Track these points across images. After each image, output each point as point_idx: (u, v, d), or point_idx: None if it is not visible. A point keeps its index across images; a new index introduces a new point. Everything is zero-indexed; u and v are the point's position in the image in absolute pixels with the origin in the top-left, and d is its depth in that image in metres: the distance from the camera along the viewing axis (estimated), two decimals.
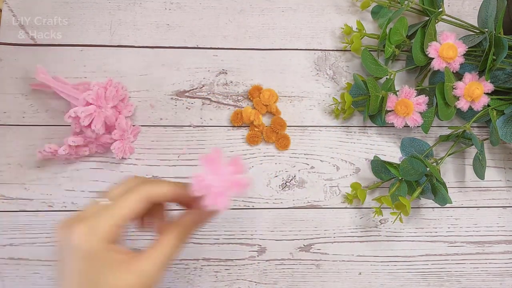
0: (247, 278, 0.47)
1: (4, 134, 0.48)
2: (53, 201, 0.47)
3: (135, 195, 0.28)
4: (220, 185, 0.28)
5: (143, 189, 0.29)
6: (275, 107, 0.49)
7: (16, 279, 0.46)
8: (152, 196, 0.29)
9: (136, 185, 0.29)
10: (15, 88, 0.49)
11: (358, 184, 0.48)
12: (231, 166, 0.29)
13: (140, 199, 0.29)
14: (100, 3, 0.52)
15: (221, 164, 0.29)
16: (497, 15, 0.44)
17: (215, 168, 0.28)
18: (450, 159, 0.51)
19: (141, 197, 0.29)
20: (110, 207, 0.28)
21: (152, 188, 0.29)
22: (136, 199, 0.28)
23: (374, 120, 0.50)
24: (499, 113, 0.47)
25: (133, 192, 0.29)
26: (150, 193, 0.29)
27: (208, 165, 0.28)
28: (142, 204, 0.29)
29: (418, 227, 0.49)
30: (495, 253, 0.49)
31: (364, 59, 0.48)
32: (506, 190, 0.50)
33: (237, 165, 0.29)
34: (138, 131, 0.49)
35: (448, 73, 0.45)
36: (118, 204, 0.28)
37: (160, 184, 0.30)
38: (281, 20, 0.53)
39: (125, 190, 0.30)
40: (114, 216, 0.27)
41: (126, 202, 0.28)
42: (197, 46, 0.52)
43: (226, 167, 0.29)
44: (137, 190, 0.29)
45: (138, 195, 0.29)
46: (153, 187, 0.29)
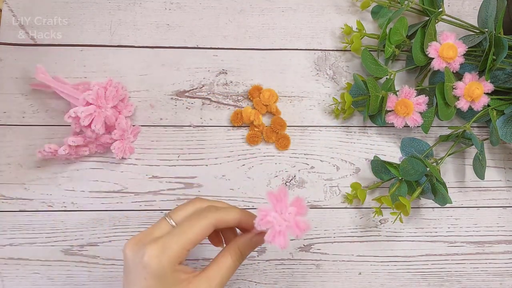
0: (247, 278, 0.47)
1: (4, 134, 0.48)
2: (53, 201, 0.47)
3: (204, 222, 0.30)
4: (281, 224, 0.29)
5: (213, 216, 0.31)
6: (275, 107, 0.49)
7: (16, 279, 0.46)
8: (220, 224, 0.31)
9: (206, 210, 0.31)
10: (15, 88, 0.49)
11: (358, 184, 0.48)
12: (295, 207, 0.30)
13: (209, 225, 0.30)
14: (100, 3, 0.52)
15: (286, 203, 0.30)
16: (497, 15, 0.44)
17: (279, 206, 0.30)
18: (450, 159, 0.51)
19: (211, 223, 0.31)
20: (181, 230, 0.30)
21: (221, 215, 0.31)
22: (205, 226, 0.30)
23: (374, 120, 0.50)
24: (499, 113, 0.47)
25: (203, 218, 0.31)
26: (218, 220, 0.31)
27: (273, 202, 0.30)
28: (210, 230, 0.31)
29: (418, 227, 0.49)
30: (495, 253, 0.49)
31: (364, 59, 0.48)
32: (506, 190, 0.50)
33: (301, 206, 0.30)
34: (138, 131, 0.49)
35: (448, 73, 0.45)
36: (189, 229, 0.30)
37: (228, 212, 0.32)
38: (281, 20, 0.53)
39: (191, 212, 0.32)
40: (184, 240, 0.29)
41: (195, 227, 0.30)
42: (197, 46, 0.52)
43: (290, 207, 0.30)
44: (206, 217, 0.31)
45: (207, 222, 0.30)
46: (222, 215, 0.31)
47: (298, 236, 0.29)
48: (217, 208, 0.32)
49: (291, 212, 0.30)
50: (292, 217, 0.30)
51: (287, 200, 0.30)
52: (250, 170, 0.49)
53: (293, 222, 0.30)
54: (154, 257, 0.28)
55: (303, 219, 0.30)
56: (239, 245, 0.32)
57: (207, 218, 0.31)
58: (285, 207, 0.30)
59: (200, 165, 0.49)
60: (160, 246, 0.29)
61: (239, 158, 0.49)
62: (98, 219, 0.47)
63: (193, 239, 0.30)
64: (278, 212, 0.30)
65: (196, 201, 0.33)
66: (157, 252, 0.28)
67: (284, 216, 0.30)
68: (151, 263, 0.28)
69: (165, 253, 0.29)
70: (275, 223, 0.29)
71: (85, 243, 0.46)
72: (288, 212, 0.30)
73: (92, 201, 0.47)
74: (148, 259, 0.28)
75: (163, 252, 0.29)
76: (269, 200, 0.30)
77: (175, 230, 0.30)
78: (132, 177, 0.48)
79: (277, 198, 0.30)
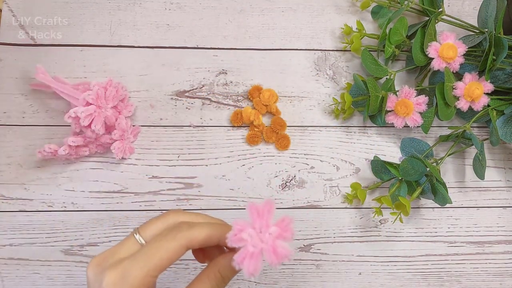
0: (247, 278, 0.47)
1: (4, 134, 0.48)
2: (53, 201, 0.47)
3: (173, 244, 0.26)
4: (256, 245, 0.24)
5: (183, 237, 0.26)
6: (275, 107, 0.49)
7: (16, 279, 0.46)
8: (194, 245, 0.27)
9: (176, 229, 0.27)
10: (15, 88, 0.49)
11: (358, 184, 0.48)
12: (278, 227, 0.25)
13: (178, 248, 0.26)
14: (100, 3, 0.52)
15: (268, 221, 0.25)
16: (497, 15, 0.44)
17: (260, 222, 0.25)
18: (450, 159, 0.51)
19: (181, 246, 0.26)
20: (146, 254, 0.26)
21: (194, 235, 0.27)
22: (174, 249, 0.26)
23: (374, 120, 0.50)
24: (499, 113, 0.47)
25: (172, 240, 0.26)
26: (191, 241, 0.27)
27: (253, 216, 0.25)
28: (180, 253, 0.26)
29: (418, 227, 0.49)
30: (495, 253, 0.49)
31: (364, 59, 0.48)
32: (506, 190, 0.50)
33: (286, 229, 0.25)
34: (138, 131, 0.49)
35: (448, 73, 0.45)
36: (155, 252, 0.26)
37: (202, 228, 0.27)
38: (281, 20, 0.53)
39: (162, 229, 0.28)
40: (149, 266, 0.25)
41: (162, 251, 0.26)
42: (197, 46, 0.52)
43: (273, 226, 0.25)
44: (175, 238, 0.26)
45: (176, 244, 0.26)
46: (196, 234, 0.27)
47: (273, 264, 0.24)
48: (189, 226, 0.27)
49: (272, 233, 0.24)
50: (272, 239, 0.24)
51: (271, 218, 0.25)
52: (250, 170, 0.49)
53: (270, 246, 0.24)
54: (112, 285, 0.25)
55: (284, 244, 0.24)
56: (220, 267, 0.27)
57: (176, 239, 0.26)
58: (266, 225, 0.25)
59: (200, 165, 0.49)
60: (119, 273, 0.25)
61: (239, 158, 0.49)
62: (98, 219, 0.47)
63: (159, 264, 0.25)
64: (256, 230, 0.25)
65: (169, 215, 0.28)
66: (115, 280, 0.25)
67: (262, 236, 0.24)
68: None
69: (126, 281, 0.25)
70: (249, 242, 0.24)
71: (85, 243, 0.46)
72: (268, 232, 0.25)
73: (92, 201, 0.47)
74: (106, 286, 0.25)
75: (123, 280, 0.25)
76: (250, 214, 0.25)
77: (139, 253, 0.26)
78: (132, 177, 0.48)
79: (259, 213, 0.25)
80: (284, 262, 0.24)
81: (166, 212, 0.29)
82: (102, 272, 0.25)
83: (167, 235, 0.26)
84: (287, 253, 0.24)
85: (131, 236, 0.28)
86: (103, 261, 0.26)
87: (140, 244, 0.27)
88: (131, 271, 0.25)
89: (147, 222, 0.28)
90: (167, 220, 0.28)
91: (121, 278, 0.25)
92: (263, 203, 0.25)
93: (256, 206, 0.25)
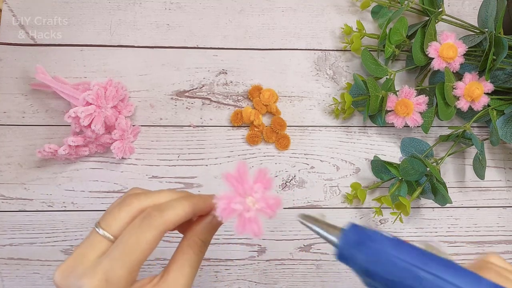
0: (247, 278, 0.47)
1: (4, 134, 0.48)
2: (53, 201, 0.47)
3: (151, 234, 0.24)
4: (250, 210, 0.24)
5: (159, 223, 0.24)
6: (275, 107, 0.49)
7: (16, 279, 0.46)
8: (169, 228, 0.25)
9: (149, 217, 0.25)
10: (15, 88, 0.49)
11: (358, 184, 0.48)
12: (259, 183, 0.25)
13: (157, 236, 0.24)
14: (100, 3, 0.52)
15: (249, 182, 0.25)
16: (497, 15, 0.44)
17: (242, 187, 0.24)
18: (450, 159, 0.51)
19: (159, 232, 0.24)
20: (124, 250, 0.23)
21: (167, 218, 0.25)
22: (153, 239, 0.24)
23: (374, 120, 0.50)
24: (499, 113, 0.47)
25: (148, 230, 0.24)
26: (166, 226, 0.25)
27: (234, 184, 0.24)
28: (159, 240, 0.25)
29: (418, 227, 0.49)
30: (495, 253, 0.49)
31: (364, 59, 0.48)
32: (506, 190, 0.50)
33: (265, 180, 0.25)
34: (138, 131, 0.49)
35: (448, 73, 0.45)
36: (134, 247, 0.24)
37: (174, 209, 0.25)
38: (281, 20, 0.53)
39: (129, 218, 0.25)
40: (131, 262, 0.23)
41: (143, 243, 0.24)
42: (197, 46, 0.52)
43: (255, 184, 0.25)
44: (151, 226, 0.24)
45: (155, 233, 0.24)
46: (169, 217, 0.25)
47: (271, 216, 0.25)
48: (161, 210, 0.25)
49: (258, 191, 0.24)
50: (260, 196, 0.24)
51: (249, 178, 0.25)
52: (250, 170, 0.49)
53: (263, 203, 0.24)
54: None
55: (271, 195, 0.25)
56: (198, 234, 0.27)
57: (152, 228, 0.24)
58: (249, 187, 0.24)
59: (200, 165, 0.49)
60: (101, 276, 0.23)
61: (239, 158, 0.49)
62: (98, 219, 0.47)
63: (141, 258, 0.24)
64: (242, 196, 0.24)
65: (132, 202, 0.26)
66: (99, 285, 0.22)
67: (251, 199, 0.24)
68: None
69: (111, 284, 0.23)
70: (243, 209, 0.24)
71: None
72: (254, 191, 0.24)
73: (92, 201, 0.47)
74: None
75: (107, 283, 0.23)
76: (229, 183, 0.24)
77: (116, 251, 0.23)
78: (132, 177, 0.48)
79: (237, 179, 0.24)
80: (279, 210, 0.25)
81: (125, 199, 0.26)
82: (78, 280, 0.23)
83: (141, 225, 0.24)
84: (279, 201, 0.25)
85: (94, 233, 0.25)
86: (73, 269, 0.23)
87: (109, 240, 0.25)
88: (114, 271, 0.23)
89: (108, 214, 0.26)
90: (131, 209, 0.26)
91: (105, 282, 0.23)
92: (237, 167, 0.25)
93: (231, 174, 0.24)
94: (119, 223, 0.25)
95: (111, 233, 0.25)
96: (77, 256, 0.24)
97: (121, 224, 0.25)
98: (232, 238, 0.47)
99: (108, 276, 0.23)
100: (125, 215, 0.25)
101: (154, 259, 0.46)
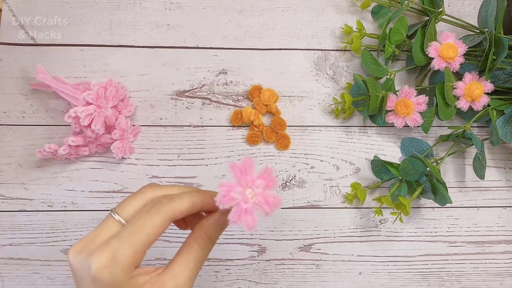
0: (247, 278, 0.47)
1: (4, 134, 0.48)
2: (53, 201, 0.47)
3: (158, 218, 0.26)
4: (248, 201, 0.25)
5: (167, 210, 0.26)
6: (275, 107, 0.49)
7: (16, 279, 0.46)
8: (178, 215, 0.27)
9: (158, 204, 0.26)
10: (15, 88, 0.49)
11: (358, 184, 0.48)
12: (262, 179, 0.26)
13: (164, 221, 0.26)
14: (100, 3, 0.52)
15: (252, 176, 0.26)
16: (497, 15, 0.44)
17: (244, 179, 0.25)
18: (450, 159, 0.51)
19: (166, 218, 0.26)
20: (132, 232, 0.25)
21: (177, 206, 0.27)
22: (159, 223, 0.26)
23: (374, 120, 0.50)
24: (499, 113, 0.47)
25: (155, 214, 0.26)
26: (174, 213, 0.26)
27: (237, 175, 0.25)
28: (166, 226, 0.26)
29: (418, 227, 0.49)
30: (495, 253, 0.49)
31: (364, 59, 0.48)
32: (506, 190, 0.50)
33: (270, 179, 0.26)
34: (138, 131, 0.49)
35: (448, 73, 0.45)
36: (141, 229, 0.25)
37: (183, 199, 0.27)
38: (281, 20, 0.53)
39: (141, 205, 0.27)
40: (137, 243, 0.25)
41: (148, 227, 0.25)
42: (197, 46, 0.52)
43: (257, 179, 0.26)
44: (159, 211, 0.26)
45: (161, 218, 0.26)
46: (178, 206, 0.27)
47: (268, 213, 0.25)
48: (170, 199, 0.27)
49: (259, 186, 0.25)
50: (260, 191, 0.25)
51: (254, 172, 0.26)
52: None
53: (261, 198, 0.25)
54: (104, 268, 0.24)
55: (272, 193, 0.26)
56: (205, 229, 0.28)
57: (160, 213, 0.26)
58: (251, 180, 0.25)
59: (200, 165, 0.49)
60: (109, 254, 0.24)
61: (239, 158, 0.49)
62: (98, 219, 0.47)
63: (147, 240, 0.25)
64: (243, 187, 0.25)
65: (146, 191, 0.28)
66: (106, 262, 0.24)
67: (251, 192, 0.25)
68: (101, 276, 0.24)
69: (117, 262, 0.24)
70: (241, 199, 0.25)
71: None
72: (255, 186, 0.25)
73: (92, 201, 0.47)
74: (97, 271, 0.24)
75: (113, 260, 0.24)
76: (233, 173, 0.25)
77: (125, 232, 0.25)
78: (132, 177, 0.48)
79: (242, 171, 0.25)
80: (277, 209, 0.26)
81: (141, 188, 0.28)
82: (88, 257, 0.25)
83: (150, 210, 0.26)
84: (278, 201, 0.26)
85: (109, 217, 0.27)
86: (85, 247, 0.25)
87: (121, 224, 0.27)
88: (120, 250, 0.25)
89: (123, 201, 0.28)
90: (144, 197, 0.28)
91: (111, 259, 0.24)
92: (243, 160, 0.26)
93: (237, 164, 0.25)
94: (131, 208, 0.27)
95: (124, 218, 0.27)
96: (91, 237, 0.26)
97: (134, 210, 0.27)
98: (232, 238, 0.47)
99: (115, 255, 0.24)
100: (138, 202, 0.27)
101: (154, 259, 0.46)
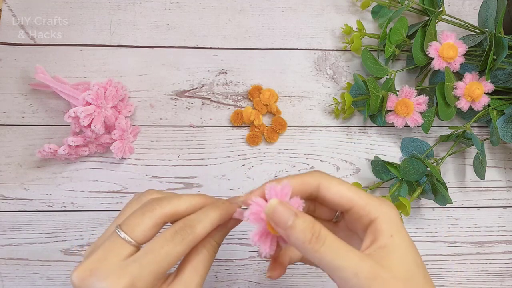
0: (247, 278, 0.47)
1: (4, 134, 0.48)
2: (52, 201, 0.47)
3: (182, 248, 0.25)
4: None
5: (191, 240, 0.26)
6: (275, 107, 0.49)
7: (16, 279, 0.45)
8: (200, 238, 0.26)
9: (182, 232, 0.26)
10: (15, 88, 0.49)
11: (358, 184, 0.48)
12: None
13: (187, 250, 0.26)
14: (100, 3, 0.52)
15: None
16: (497, 15, 0.44)
17: None
18: (450, 159, 0.51)
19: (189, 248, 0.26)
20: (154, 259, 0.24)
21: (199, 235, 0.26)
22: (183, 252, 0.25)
23: (374, 120, 0.50)
24: (500, 113, 0.47)
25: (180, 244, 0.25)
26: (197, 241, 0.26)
27: (271, 197, 0.25)
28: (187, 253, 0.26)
29: (418, 227, 0.49)
30: (495, 253, 0.49)
31: (364, 59, 0.48)
32: (507, 190, 0.50)
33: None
34: (138, 131, 0.49)
35: (448, 73, 0.44)
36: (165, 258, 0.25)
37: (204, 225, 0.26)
38: (281, 20, 0.53)
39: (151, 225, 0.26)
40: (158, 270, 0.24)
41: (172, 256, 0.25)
42: (197, 46, 0.51)
43: None
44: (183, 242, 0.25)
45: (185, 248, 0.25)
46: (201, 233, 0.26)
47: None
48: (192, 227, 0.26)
49: None
50: None
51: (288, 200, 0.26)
52: (250, 170, 0.49)
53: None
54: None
55: None
56: (213, 236, 0.28)
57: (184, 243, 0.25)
58: None
59: (200, 165, 0.49)
60: (128, 280, 0.23)
61: (239, 158, 0.49)
62: (98, 219, 0.47)
63: (168, 268, 0.25)
64: None
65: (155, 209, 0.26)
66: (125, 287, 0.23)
67: None
68: None
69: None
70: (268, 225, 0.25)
71: (85, 243, 0.46)
72: None
73: (92, 201, 0.47)
74: None
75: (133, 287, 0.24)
76: (269, 194, 0.25)
77: (145, 259, 0.24)
78: (132, 177, 0.48)
79: (278, 196, 0.25)
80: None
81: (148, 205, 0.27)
82: (102, 281, 0.23)
83: (173, 239, 0.25)
84: None
85: (116, 236, 0.25)
86: (95, 270, 0.24)
87: (131, 245, 0.25)
88: (142, 277, 0.24)
89: (130, 218, 0.26)
90: (154, 216, 0.26)
91: (131, 285, 0.23)
92: (282, 185, 0.25)
93: (275, 188, 0.25)
94: (142, 228, 0.26)
95: (133, 238, 0.25)
96: (99, 258, 0.24)
97: (144, 230, 0.26)
98: (232, 238, 0.47)
99: (135, 281, 0.24)
100: (148, 221, 0.26)
101: None
